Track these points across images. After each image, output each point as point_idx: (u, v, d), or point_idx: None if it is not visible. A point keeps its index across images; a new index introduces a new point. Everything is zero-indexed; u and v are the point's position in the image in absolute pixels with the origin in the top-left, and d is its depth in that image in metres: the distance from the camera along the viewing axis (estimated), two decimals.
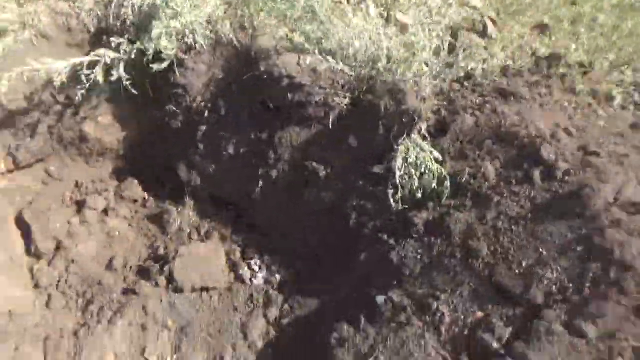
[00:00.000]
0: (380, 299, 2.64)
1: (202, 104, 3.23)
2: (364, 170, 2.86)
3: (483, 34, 3.54)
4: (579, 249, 2.22)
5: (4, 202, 3.58)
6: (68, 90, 3.23)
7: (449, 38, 3.05)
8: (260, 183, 3.21)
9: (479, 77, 3.00)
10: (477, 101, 2.83)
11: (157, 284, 3.20)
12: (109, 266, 3.36)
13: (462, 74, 2.99)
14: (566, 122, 2.61)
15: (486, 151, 2.57)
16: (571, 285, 2.21)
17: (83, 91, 2.85)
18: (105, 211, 3.65)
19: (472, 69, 3.03)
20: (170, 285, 3.17)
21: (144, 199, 3.79)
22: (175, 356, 3.02)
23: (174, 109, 3.31)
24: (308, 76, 2.87)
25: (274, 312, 3.10)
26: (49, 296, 3.22)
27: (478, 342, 2.34)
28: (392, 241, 2.71)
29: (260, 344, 3.04)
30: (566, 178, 2.35)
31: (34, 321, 3.05)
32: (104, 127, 3.48)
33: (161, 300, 3.14)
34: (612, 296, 2.12)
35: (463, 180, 2.52)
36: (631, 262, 2.11)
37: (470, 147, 2.63)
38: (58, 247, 3.40)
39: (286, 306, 3.12)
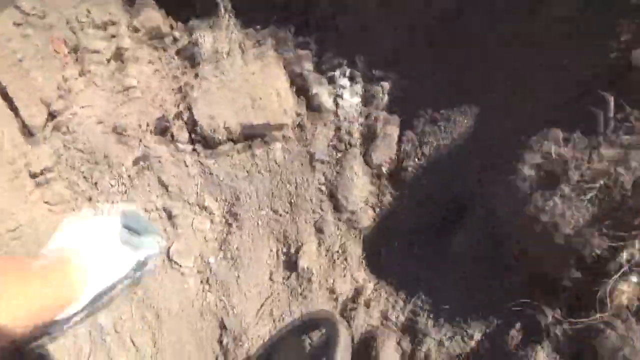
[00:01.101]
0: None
1: None
2: None
3: None
4: None
5: None
6: None
7: None
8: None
9: None
10: None
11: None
12: (119, 130, 2.09)
13: None
14: None
15: None
16: None
17: None
18: (119, 55, 2.35)
19: None
20: (193, 141, 1.81)
21: (171, 26, 2.40)
22: (220, 254, 1.72)
23: None
24: None
25: (385, 151, 1.57)
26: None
27: None
28: None
29: (364, 218, 1.59)
30: None
31: None
32: None
33: (186, 165, 1.80)
34: None
35: None
36: None
37: None
38: (52, 116, 2.21)
39: (406, 141, 1.56)
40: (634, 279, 0.95)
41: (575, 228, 1.01)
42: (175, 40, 2.20)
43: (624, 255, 0.96)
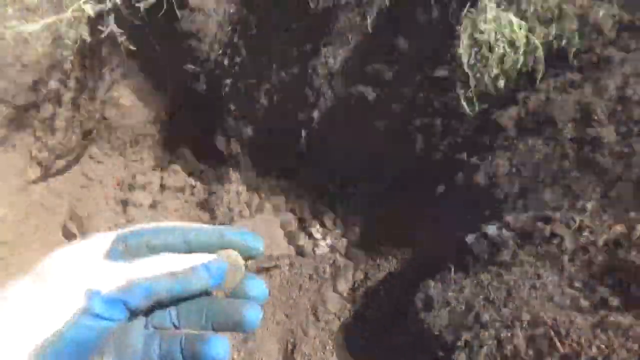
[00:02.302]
0: (471, 238, 1.97)
1: (221, 51, 2.76)
2: (424, 78, 2.21)
3: None
4: None
5: (45, 215, 3.35)
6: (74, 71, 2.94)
7: None
8: (303, 133, 2.66)
9: None
10: None
11: None
12: None
13: None
14: None
15: None
16: None
17: (68, 53, 2.47)
18: (153, 205, 3.29)
19: None
20: None
21: (191, 185, 3.39)
22: (242, 351, 2.55)
23: (193, 67, 2.87)
24: None
25: (345, 283, 2.53)
26: None
27: (621, 266, 1.61)
28: (475, 159, 2.02)
29: (335, 322, 2.49)
30: None
31: None
32: (127, 109, 3.13)
33: None
34: None
35: (561, 44, 1.79)
36: None
37: None
38: None
39: (359, 273, 2.53)
40: None
41: None
42: (193, 194, 3.24)
43: None
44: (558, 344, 1.71)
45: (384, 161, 2.43)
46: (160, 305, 0.51)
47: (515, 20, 1.86)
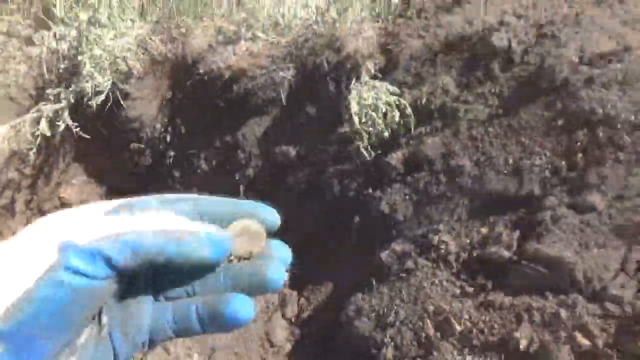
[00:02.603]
0: (384, 254, 2.50)
1: (162, 129, 3.23)
2: (332, 135, 2.77)
3: None
4: (559, 123, 2.06)
5: None
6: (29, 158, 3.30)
7: None
8: (242, 188, 3.15)
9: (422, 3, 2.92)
10: (422, 24, 2.74)
11: None
12: None
13: (401, 6, 2.91)
14: (513, 5, 2.48)
15: (440, 66, 2.46)
16: (563, 162, 2.04)
17: (29, 147, 2.87)
18: None
19: None
20: None
21: None
22: None
23: (138, 145, 3.31)
24: (246, 61, 2.83)
25: (291, 310, 2.98)
26: None
27: (490, 258, 2.18)
28: (378, 193, 2.58)
29: (287, 346, 2.92)
30: (525, 58, 2.21)
31: None
32: (79, 187, 3.51)
33: None
34: (607, 156, 1.94)
35: (424, 102, 2.40)
36: (617, 114, 1.95)
37: (424, 69, 2.51)
38: None
39: (302, 300, 3.00)
40: None
41: None
42: None
43: None
44: (455, 324, 2.25)
45: (311, 201, 2.94)
46: (159, 272, 0.45)
47: (391, 87, 2.47)
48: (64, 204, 3.53)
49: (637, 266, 1.89)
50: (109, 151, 3.39)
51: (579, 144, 1.99)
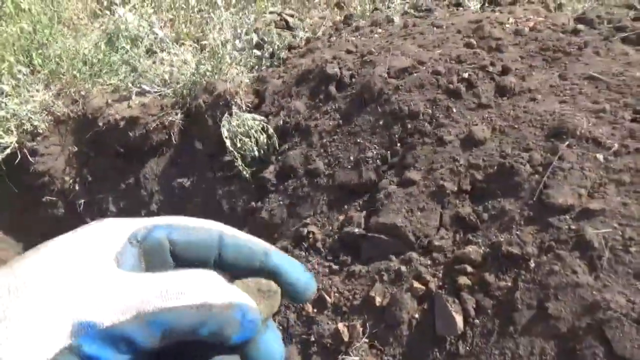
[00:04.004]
0: None
1: (71, 180, 3.46)
2: (217, 162, 3.13)
3: (288, 27, 4.02)
4: (381, 122, 2.54)
5: None
6: None
7: (254, 37, 3.48)
8: None
9: (283, 54, 3.43)
10: (283, 68, 3.23)
11: None
12: None
13: (269, 57, 3.41)
14: (348, 47, 3.02)
15: (294, 95, 2.92)
16: (388, 152, 2.50)
17: None
18: None
19: (277, 47, 3.46)
20: None
21: None
22: None
23: (49, 198, 3.51)
24: (139, 111, 3.18)
25: None
26: None
27: (347, 238, 2.57)
28: (259, 204, 2.94)
29: None
30: (353, 80, 2.70)
31: None
32: None
33: None
34: (416, 142, 2.43)
35: (281, 124, 2.84)
36: (418, 110, 2.46)
37: (283, 100, 2.96)
38: None
39: None
40: None
41: None
42: None
43: None
44: (327, 298, 2.59)
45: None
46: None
47: (258, 117, 2.90)
48: None
49: (450, 221, 2.34)
50: (23, 207, 3.55)
51: (396, 136, 2.47)
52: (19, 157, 3.12)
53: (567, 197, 1.90)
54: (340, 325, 2.53)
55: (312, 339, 2.43)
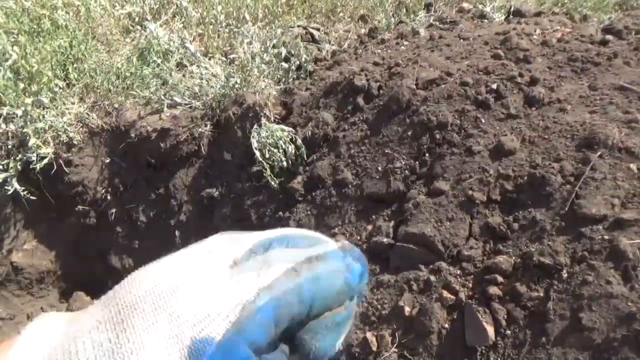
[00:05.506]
0: None
1: (103, 190, 3.52)
2: (246, 173, 3.16)
3: (313, 40, 4.06)
4: (409, 133, 2.54)
5: None
6: None
7: (282, 50, 3.52)
8: (177, 232, 3.44)
9: (310, 66, 3.46)
10: (310, 80, 3.26)
11: None
12: None
13: (296, 69, 3.45)
14: (374, 59, 3.04)
15: (322, 107, 2.95)
16: (416, 162, 2.50)
17: None
18: None
19: (305, 60, 3.49)
20: None
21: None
22: None
23: (82, 207, 3.58)
24: (170, 123, 3.24)
25: None
26: None
27: (374, 247, 2.56)
28: (287, 214, 2.96)
29: None
30: (381, 92, 2.72)
31: None
32: (30, 252, 3.69)
33: None
34: (445, 152, 2.42)
35: (309, 135, 2.86)
36: (446, 120, 2.45)
37: (311, 111, 2.98)
38: None
39: None
40: None
41: None
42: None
43: None
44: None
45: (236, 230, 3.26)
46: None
47: (286, 128, 2.93)
48: (15, 268, 3.68)
49: (480, 231, 2.32)
50: (57, 216, 3.63)
51: (425, 146, 2.47)
52: (55, 167, 3.19)
53: (599, 207, 1.88)
54: (369, 335, 2.51)
55: (340, 348, 2.42)
